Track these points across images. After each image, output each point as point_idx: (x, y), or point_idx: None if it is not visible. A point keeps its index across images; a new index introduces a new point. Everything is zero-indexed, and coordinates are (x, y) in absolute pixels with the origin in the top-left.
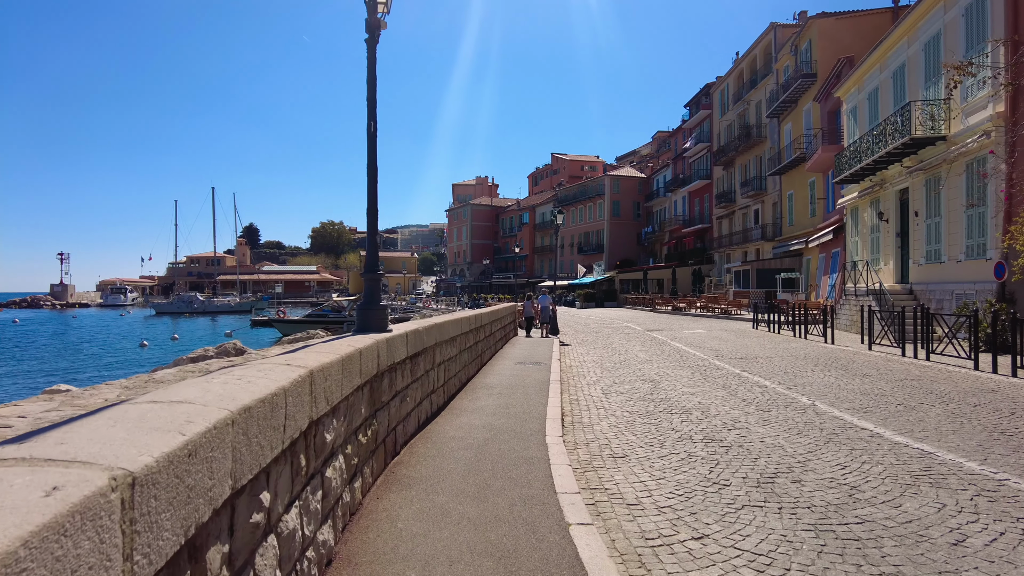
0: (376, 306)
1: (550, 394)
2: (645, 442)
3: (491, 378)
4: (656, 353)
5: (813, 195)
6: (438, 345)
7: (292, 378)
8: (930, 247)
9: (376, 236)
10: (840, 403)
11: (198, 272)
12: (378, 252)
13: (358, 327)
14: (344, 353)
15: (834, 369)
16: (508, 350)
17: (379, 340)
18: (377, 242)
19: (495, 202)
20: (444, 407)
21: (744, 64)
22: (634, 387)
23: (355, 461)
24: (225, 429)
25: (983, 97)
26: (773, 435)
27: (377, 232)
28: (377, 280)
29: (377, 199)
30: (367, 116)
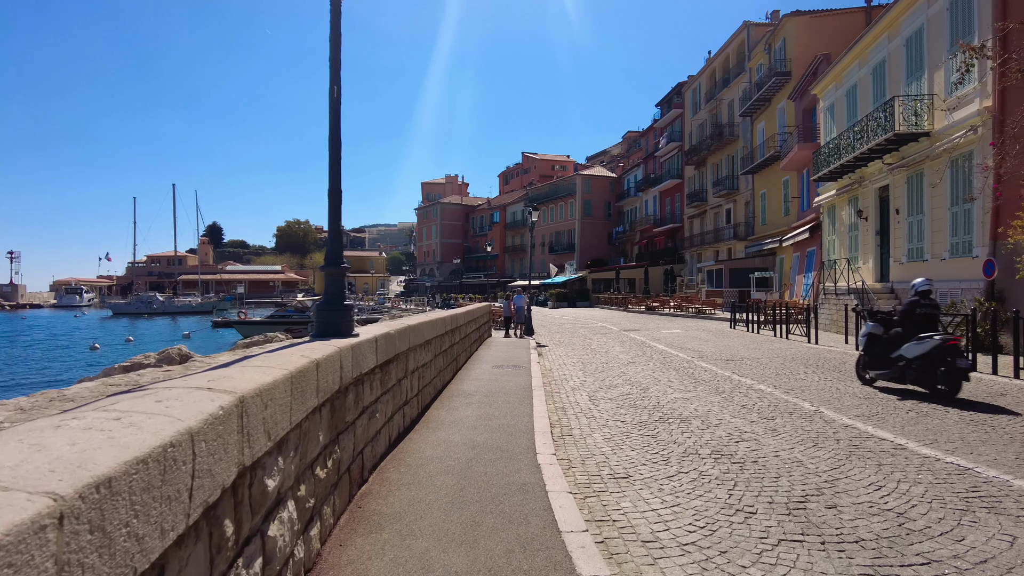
0: (340, 306)
1: (534, 402)
2: (647, 458)
3: (468, 384)
4: (638, 354)
5: (787, 194)
6: (411, 350)
7: (207, 413)
8: (912, 245)
9: (339, 224)
10: (846, 409)
11: (159, 272)
12: (342, 242)
13: (317, 331)
14: (295, 367)
15: (827, 371)
16: (484, 352)
17: (343, 347)
18: (341, 231)
19: (465, 201)
20: (419, 419)
21: (717, 63)
22: (622, 392)
23: (311, 503)
24: (35, 541)
25: (969, 92)
26: (787, 448)
27: (340, 219)
28: (341, 276)
29: (341, 179)
30: (329, 79)
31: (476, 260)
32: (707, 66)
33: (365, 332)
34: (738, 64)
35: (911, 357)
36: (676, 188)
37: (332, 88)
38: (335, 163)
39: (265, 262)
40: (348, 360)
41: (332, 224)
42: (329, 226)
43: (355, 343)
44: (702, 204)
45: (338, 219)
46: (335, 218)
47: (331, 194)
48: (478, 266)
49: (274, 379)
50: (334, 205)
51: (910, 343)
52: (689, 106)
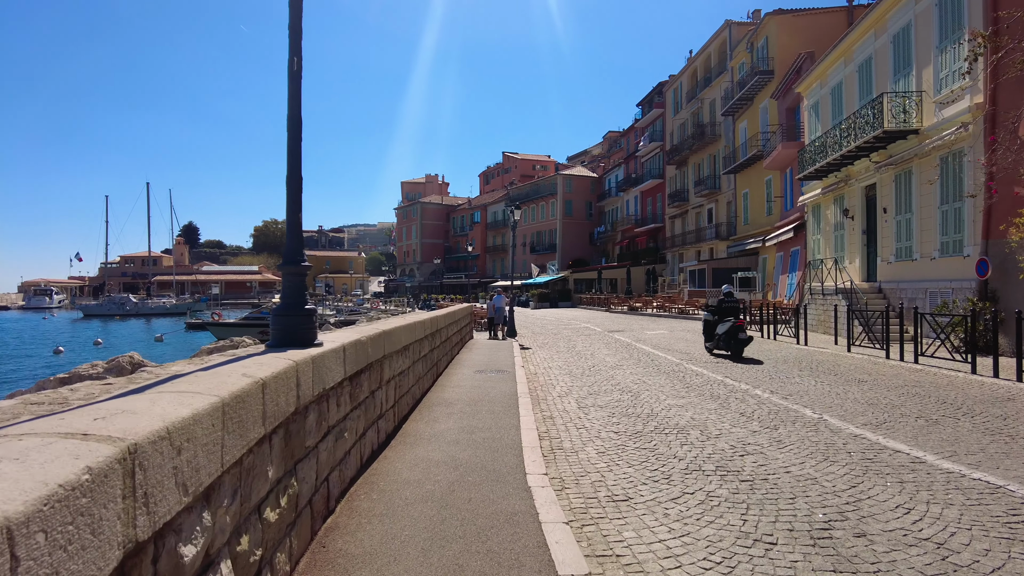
0: (300, 311)
1: (521, 411)
2: (647, 476)
3: (450, 391)
4: (625, 357)
5: (770, 193)
6: (387, 358)
7: (55, 484)
8: (900, 244)
9: (299, 215)
10: (851, 417)
11: (133, 272)
12: (302, 237)
13: (274, 339)
14: (231, 391)
15: (822, 374)
16: (466, 356)
17: (301, 360)
18: (300, 223)
19: (446, 201)
20: (395, 433)
21: (698, 62)
22: (612, 399)
23: (257, 555)
24: None
25: (959, 88)
26: (797, 462)
27: (300, 210)
28: (301, 276)
29: (301, 165)
30: (289, 50)
31: (457, 260)
32: (688, 65)
33: (332, 340)
34: (720, 63)
35: (720, 333)
36: (657, 188)
37: (292, 59)
38: (295, 146)
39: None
40: (308, 375)
41: (291, 216)
42: (288, 218)
43: (317, 354)
44: (684, 204)
45: (298, 209)
46: (294, 208)
47: (290, 181)
48: (459, 266)
49: (195, 411)
50: (293, 194)
51: (720, 325)
52: (670, 106)
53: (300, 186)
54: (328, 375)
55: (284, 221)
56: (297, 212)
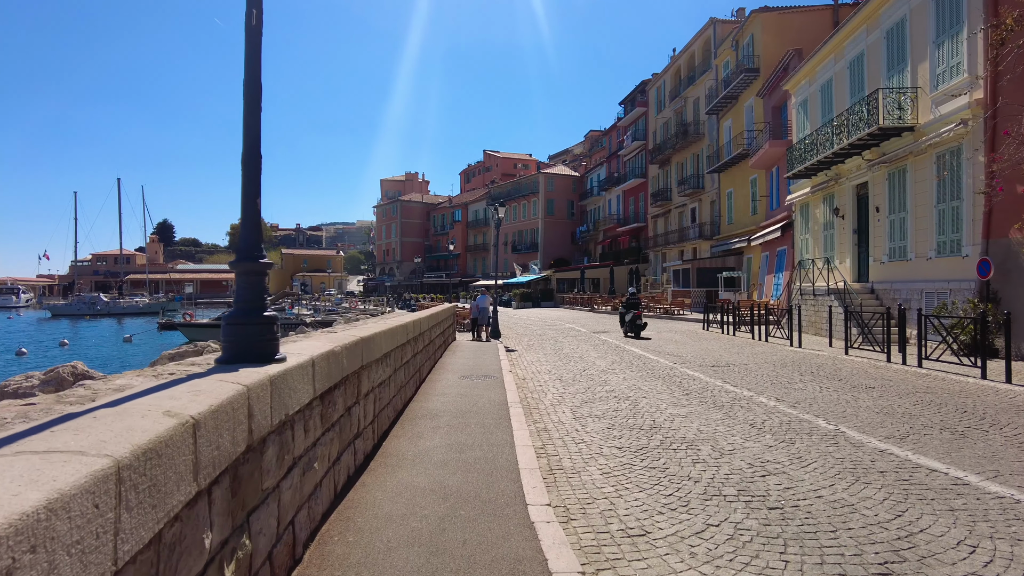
0: (257, 318)
1: (513, 423)
2: (662, 503)
3: (434, 401)
4: (615, 360)
5: (755, 192)
6: (365, 368)
7: None
8: (894, 244)
9: (258, 201)
10: (870, 428)
11: (105, 271)
12: (260, 228)
13: (225, 354)
14: (135, 445)
15: (826, 379)
16: (449, 359)
17: (255, 384)
18: (259, 211)
19: (426, 199)
20: (374, 453)
21: (682, 60)
22: (609, 408)
23: None
24: None
25: (957, 84)
26: (826, 484)
27: (259, 194)
28: (260, 274)
29: (260, 138)
30: (247, 1)
31: (437, 259)
32: (672, 64)
33: (299, 352)
34: (704, 61)
35: (627, 321)
36: (640, 187)
37: (250, 12)
38: (253, 117)
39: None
40: (264, 401)
41: (247, 202)
42: (243, 205)
43: (279, 373)
44: (667, 203)
45: (256, 193)
46: (252, 192)
47: (247, 160)
48: (439, 265)
49: (58, 492)
50: (251, 174)
51: (627, 315)
52: (653, 104)
53: (259, 166)
54: (292, 397)
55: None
56: (255, 197)
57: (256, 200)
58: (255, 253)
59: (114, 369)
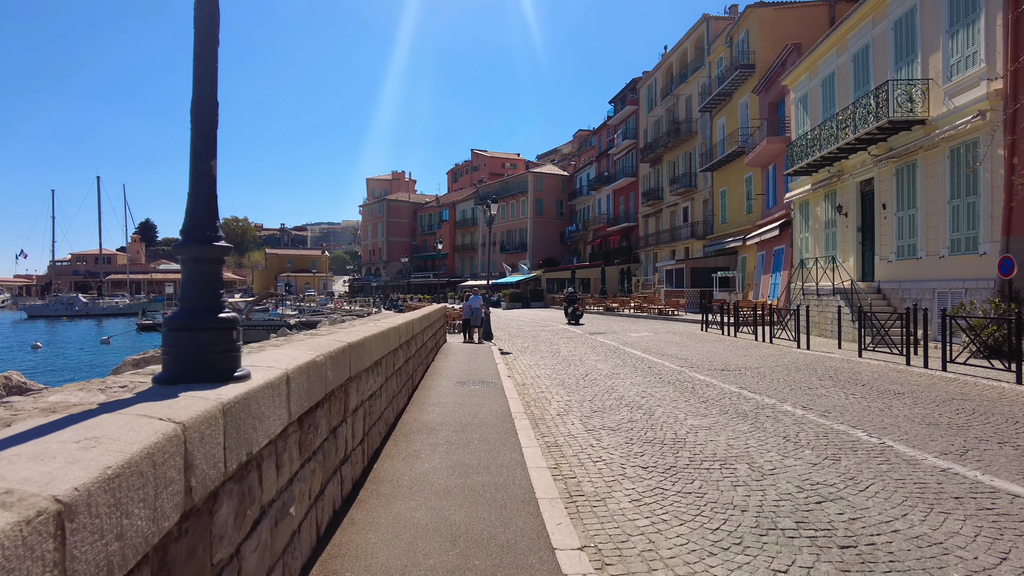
0: (209, 321)
1: (521, 438)
2: (711, 540)
3: (429, 412)
4: (617, 364)
5: (750, 191)
6: (355, 379)
7: None
8: (902, 242)
9: (212, 163)
10: (919, 442)
11: (85, 271)
12: (215, 200)
13: (166, 371)
14: None
15: (848, 384)
16: (442, 363)
17: (196, 420)
18: (213, 176)
19: (413, 198)
20: (364, 479)
21: (674, 57)
22: (623, 418)
23: None
24: None
25: (973, 75)
26: (898, 515)
27: (214, 155)
28: (214, 262)
29: (216, 80)
30: None
31: (424, 259)
32: (663, 61)
33: (270, 365)
34: (697, 58)
35: (569, 312)
36: (631, 186)
37: None
38: (207, 49)
39: None
40: (213, 441)
41: (198, 165)
42: (192, 170)
43: (237, 398)
44: (658, 202)
45: (210, 153)
46: (204, 151)
47: (198, 108)
48: (427, 265)
49: None
50: (203, 127)
51: (569, 307)
52: (644, 102)
53: (215, 117)
54: (259, 427)
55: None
56: (209, 158)
57: (210, 163)
58: (208, 233)
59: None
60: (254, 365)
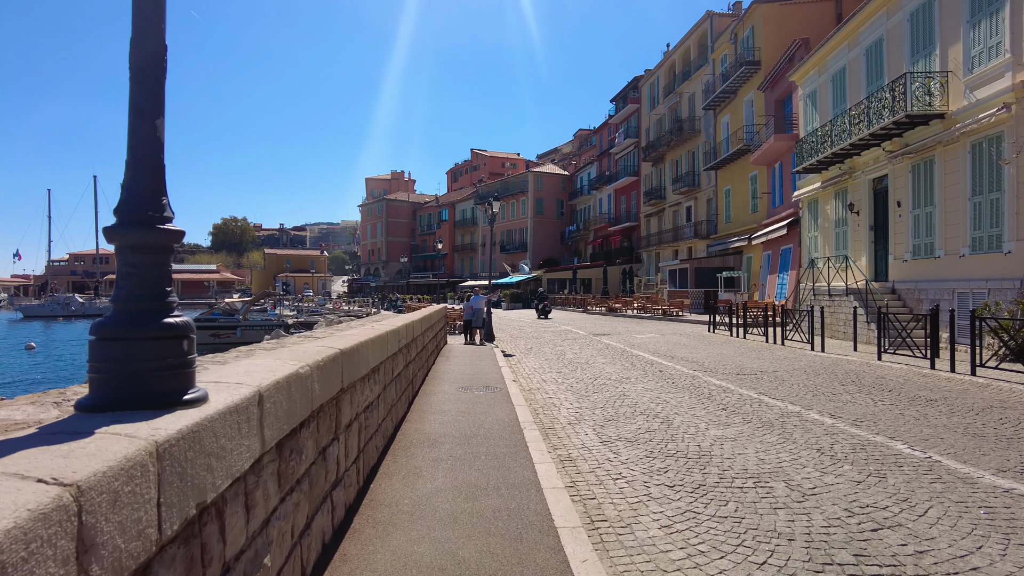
0: (150, 327)
1: (532, 453)
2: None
3: (431, 421)
4: (626, 367)
5: (755, 190)
6: (348, 390)
7: None
8: (918, 240)
9: (157, 122)
10: (969, 456)
11: (83, 271)
12: (163, 169)
13: (93, 394)
14: None
15: (873, 390)
16: (443, 366)
17: (112, 472)
18: (159, 138)
19: (412, 198)
20: (359, 503)
21: (676, 55)
22: (639, 428)
23: None
24: None
25: (997, 66)
26: (973, 548)
27: (161, 109)
28: (158, 250)
29: (164, 17)
30: None
31: (424, 259)
32: (666, 59)
33: (240, 378)
34: (700, 56)
35: (539, 308)
36: (632, 186)
37: None
38: None
39: (200, 261)
40: (135, 501)
41: (139, 125)
42: (131, 130)
43: (182, 433)
44: (660, 202)
45: (154, 110)
46: (146, 107)
47: (137, 53)
48: (426, 265)
49: None
50: (145, 75)
51: (540, 305)
52: (646, 101)
53: (161, 61)
54: (218, 467)
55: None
56: (152, 116)
57: (155, 121)
58: (150, 213)
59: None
60: (219, 381)
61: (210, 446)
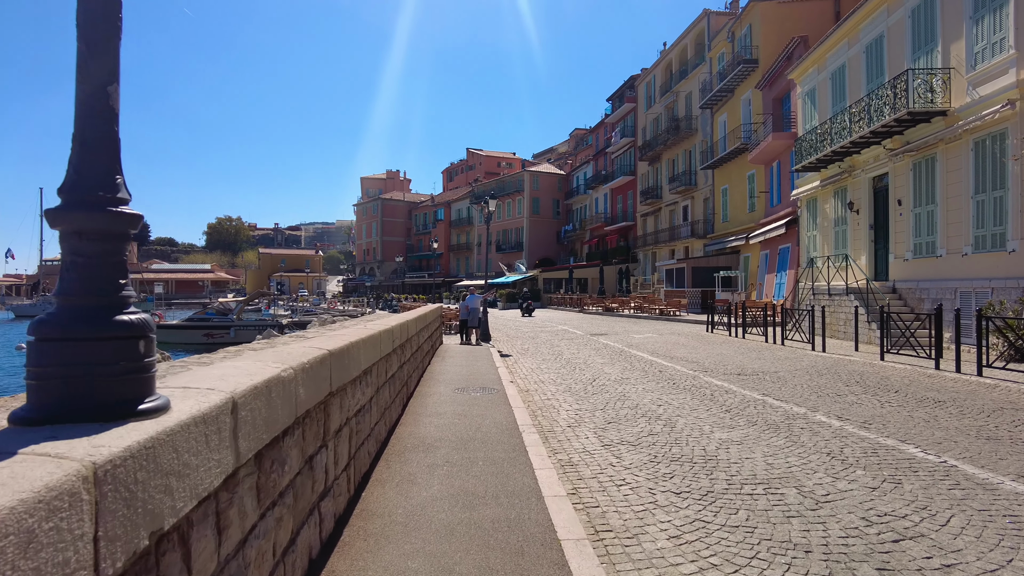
0: (102, 326)
1: (532, 458)
2: None
3: (426, 424)
4: (625, 367)
5: (753, 189)
6: (338, 394)
7: None
8: (919, 239)
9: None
10: (985, 461)
11: None
12: (117, 142)
13: (31, 402)
14: None
15: (879, 391)
16: (439, 366)
17: (26, 507)
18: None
19: (408, 197)
20: (349, 513)
21: (673, 54)
22: (641, 430)
23: None
24: None
25: (1001, 62)
26: (1003, 560)
27: (116, 80)
28: (111, 237)
29: None
30: None
31: (419, 259)
32: (662, 58)
33: (212, 384)
34: (697, 54)
35: (523, 307)
36: (629, 185)
37: None
38: None
39: (194, 260)
40: (60, 540)
41: (88, 93)
42: (78, 100)
43: (132, 449)
44: (657, 201)
45: (110, 74)
46: (97, 72)
47: (86, 4)
48: (421, 265)
49: None
50: (95, 33)
51: (524, 304)
52: (643, 100)
53: (115, 18)
54: (179, 488)
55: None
56: (104, 81)
57: (107, 88)
58: (101, 193)
59: None
60: (187, 387)
61: (169, 464)
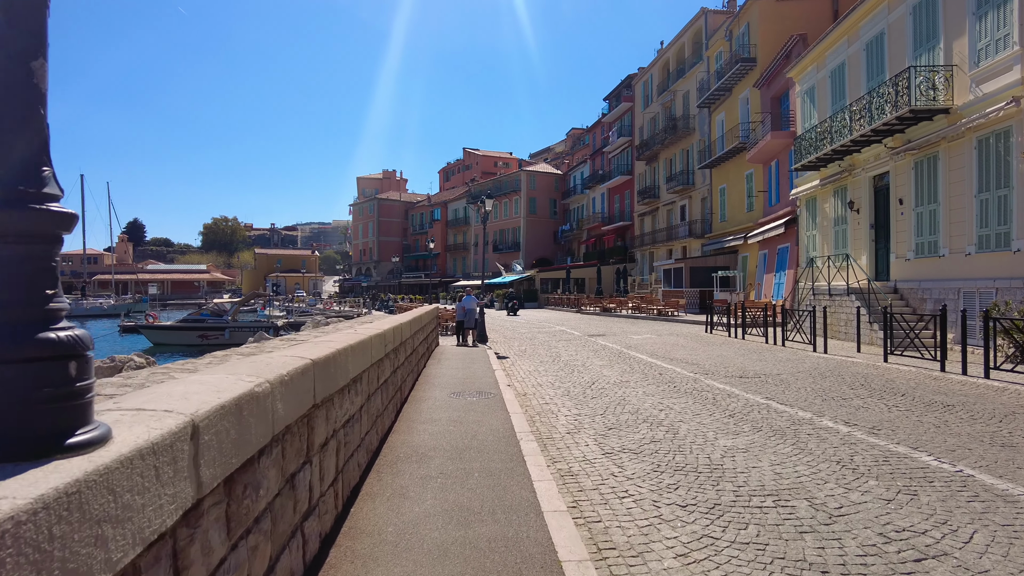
0: (24, 346)
1: (531, 469)
2: None
3: (420, 432)
4: (625, 369)
5: (751, 188)
6: (323, 405)
7: None
8: (921, 239)
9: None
10: (1004, 470)
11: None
12: (42, 129)
13: None
14: None
15: (885, 394)
16: (434, 369)
17: None
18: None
19: (404, 197)
20: (337, 532)
21: (670, 53)
22: (643, 438)
23: None
24: None
25: (1005, 58)
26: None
27: (44, 53)
28: (40, 239)
29: None
30: None
31: (416, 259)
32: (659, 57)
33: (167, 408)
34: (694, 53)
35: (508, 306)
36: (626, 185)
37: None
38: None
39: (190, 261)
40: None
41: (9, 69)
42: None
43: (47, 498)
44: (654, 201)
45: (36, 49)
46: (24, 49)
47: None
48: (418, 265)
49: None
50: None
51: (510, 304)
52: (640, 99)
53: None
54: (118, 536)
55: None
56: (28, 56)
57: (31, 64)
58: (22, 188)
59: None
60: (141, 409)
61: (102, 509)
